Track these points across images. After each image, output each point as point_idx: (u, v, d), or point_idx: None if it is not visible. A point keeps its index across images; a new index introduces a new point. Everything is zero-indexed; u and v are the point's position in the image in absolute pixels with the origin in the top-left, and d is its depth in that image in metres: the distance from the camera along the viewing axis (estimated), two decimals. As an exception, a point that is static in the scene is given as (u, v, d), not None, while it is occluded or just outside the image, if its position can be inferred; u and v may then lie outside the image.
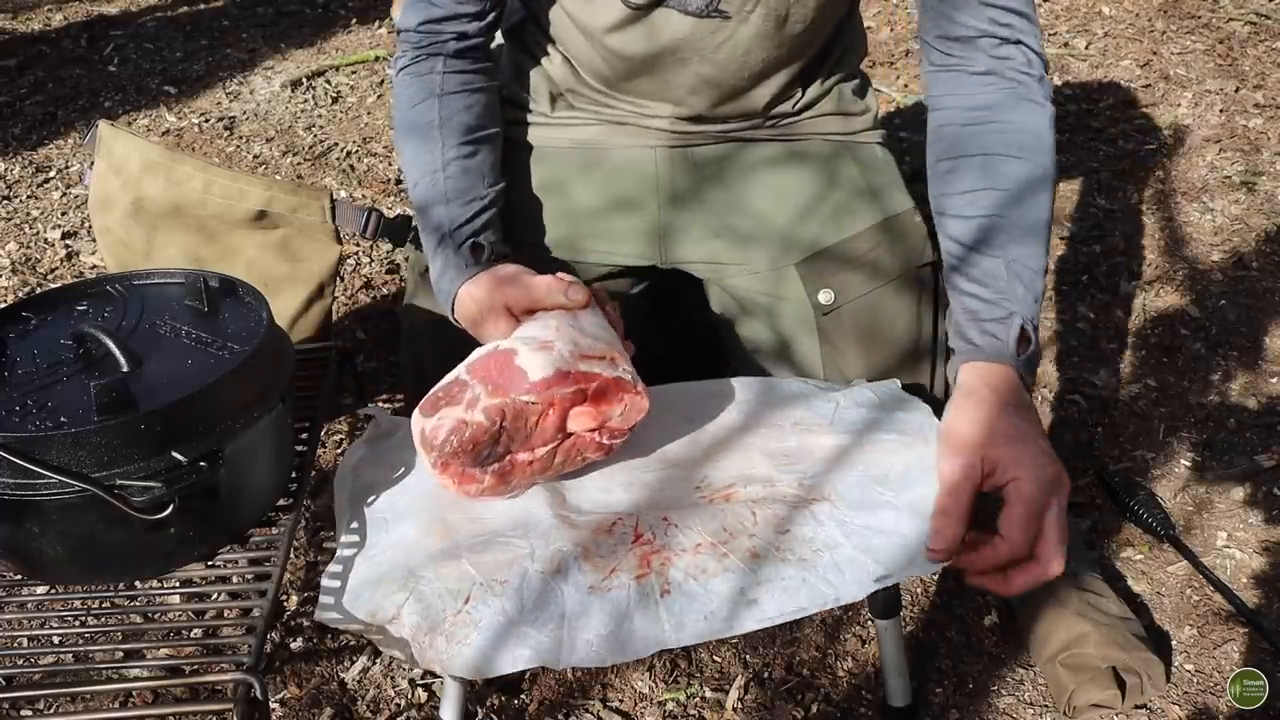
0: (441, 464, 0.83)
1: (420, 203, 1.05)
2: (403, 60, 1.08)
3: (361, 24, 3.12)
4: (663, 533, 0.83)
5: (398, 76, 1.09)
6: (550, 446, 0.86)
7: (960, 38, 0.97)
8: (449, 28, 1.07)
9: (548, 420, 0.84)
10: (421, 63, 1.07)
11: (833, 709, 1.13)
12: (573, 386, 0.84)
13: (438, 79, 1.07)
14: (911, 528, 0.81)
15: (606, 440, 0.87)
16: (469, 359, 0.87)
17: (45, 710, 1.12)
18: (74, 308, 0.91)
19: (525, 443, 0.85)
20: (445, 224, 1.02)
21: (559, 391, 0.83)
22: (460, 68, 1.08)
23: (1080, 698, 1.08)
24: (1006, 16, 0.96)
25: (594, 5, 1.02)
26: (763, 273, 1.13)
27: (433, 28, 1.06)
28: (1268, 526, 1.33)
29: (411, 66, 1.08)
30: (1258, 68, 2.51)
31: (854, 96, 1.17)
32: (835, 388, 1.01)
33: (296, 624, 1.24)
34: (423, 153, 1.05)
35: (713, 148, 1.15)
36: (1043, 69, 0.98)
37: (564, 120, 1.16)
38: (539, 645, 0.75)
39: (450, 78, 1.07)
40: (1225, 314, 1.72)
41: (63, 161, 2.36)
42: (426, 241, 1.04)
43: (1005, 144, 0.95)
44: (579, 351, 0.85)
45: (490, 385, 0.83)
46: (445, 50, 1.07)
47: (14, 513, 0.75)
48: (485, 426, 0.82)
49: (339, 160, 2.34)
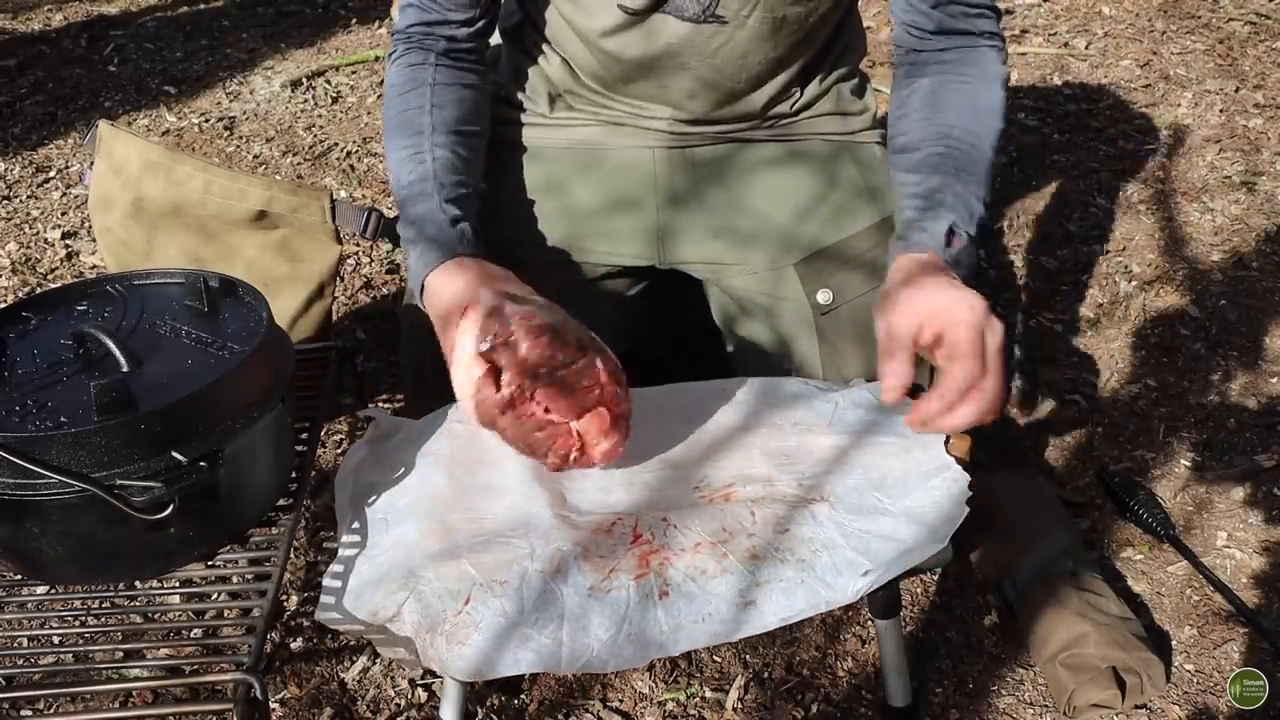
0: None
1: (403, 185, 1.03)
2: (395, 55, 1.09)
3: (361, 24, 3.12)
4: (662, 533, 0.82)
5: (389, 68, 1.10)
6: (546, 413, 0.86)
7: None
8: (439, 31, 1.08)
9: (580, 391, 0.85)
10: (413, 54, 1.08)
11: (833, 709, 1.13)
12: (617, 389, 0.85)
13: (429, 70, 1.07)
14: (909, 534, 0.81)
15: (567, 455, 0.87)
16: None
17: (45, 710, 1.12)
18: (74, 308, 0.91)
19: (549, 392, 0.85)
20: (429, 207, 1.00)
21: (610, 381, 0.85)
22: (452, 64, 1.08)
23: (1080, 698, 1.08)
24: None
25: (590, 10, 1.02)
26: (762, 273, 1.13)
27: (424, 29, 1.08)
28: (1268, 526, 1.33)
29: (404, 58, 1.08)
30: (1258, 68, 2.51)
31: (853, 96, 1.17)
32: (834, 388, 1.01)
33: (296, 624, 1.24)
34: (410, 136, 1.04)
35: (711, 148, 1.15)
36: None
37: (563, 121, 1.16)
38: (540, 648, 0.75)
39: (442, 70, 1.07)
40: (1225, 314, 1.72)
41: (63, 161, 2.36)
42: (405, 228, 1.01)
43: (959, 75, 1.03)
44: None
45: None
46: (436, 48, 1.08)
47: (14, 513, 0.75)
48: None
49: (339, 160, 2.34)
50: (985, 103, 1.03)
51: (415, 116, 1.05)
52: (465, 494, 0.88)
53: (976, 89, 1.03)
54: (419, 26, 1.08)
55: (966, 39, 1.05)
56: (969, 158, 1.00)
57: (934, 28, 1.04)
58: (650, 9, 1.00)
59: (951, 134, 1.00)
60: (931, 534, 0.82)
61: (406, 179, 1.03)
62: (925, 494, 0.84)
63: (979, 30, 1.05)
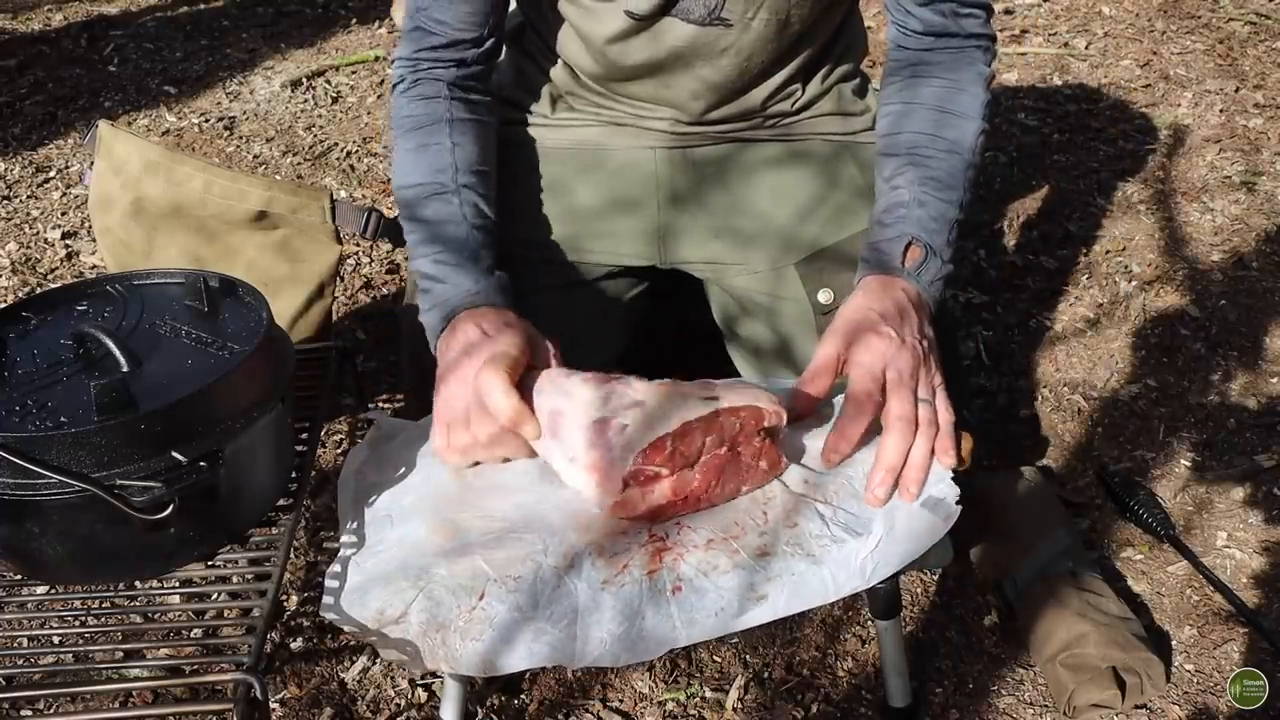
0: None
1: (428, 217, 1.01)
2: (403, 86, 1.06)
3: (361, 24, 3.12)
4: (675, 530, 0.83)
5: (399, 98, 1.07)
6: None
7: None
8: (448, 56, 1.05)
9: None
10: (424, 85, 1.05)
11: (833, 709, 1.13)
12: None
13: (443, 105, 1.04)
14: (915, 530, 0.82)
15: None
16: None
17: (45, 710, 1.12)
18: (74, 308, 0.91)
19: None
20: (463, 242, 0.98)
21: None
22: (465, 97, 1.06)
23: (1080, 698, 1.08)
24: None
25: (597, 15, 1.02)
26: (763, 272, 1.13)
27: (432, 57, 1.05)
28: (1268, 526, 1.33)
29: (415, 89, 1.05)
30: (1258, 68, 2.51)
31: (854, 96, 1.17)
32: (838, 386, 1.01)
33: (296, 624, 1.24)
34: (433, 174, 1.02)
35: (713, 148, 1.15)
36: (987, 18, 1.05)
37: (564, 121, 1.16)
38: (553, 641, 0.75)
39: (457, 105, 1.05)
40: (1225, 314, 1.72)
41: (63, 161, 2.36)
42: (427, 260, 0.99)
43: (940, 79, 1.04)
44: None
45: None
46: (446, 78, 1.05)
47: (14, 513, 0.75)
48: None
49: (339, 160, 2.34)
50: (962, 107, 1.03)
51: (437, 154, 1.02)
52: (473, 493, 0.88)
53: (953, 93, 1.03)
54: (427, 52, 1.05)
55: (953, 40, 1.05)
56: (940, 165, 1.00)
57: (921, 28, 1.04)
58: (658, 14, 1.00)
59: (919, 143, 1.01)
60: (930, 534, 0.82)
61: (428, 214, 1.01)
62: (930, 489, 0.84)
63: (966, 31, 1.05)
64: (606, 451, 0.81)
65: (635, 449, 0.80)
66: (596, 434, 0.82)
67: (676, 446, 0.81)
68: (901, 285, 0.95)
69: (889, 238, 0.98)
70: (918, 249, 0.97)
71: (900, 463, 0.86)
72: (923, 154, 1.01)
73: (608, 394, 0.84)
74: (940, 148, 1.01)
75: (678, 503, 0.83)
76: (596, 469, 0.82)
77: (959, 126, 1.02)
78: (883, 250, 0.98)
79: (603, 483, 0.81)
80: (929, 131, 1.02)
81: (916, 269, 0.96)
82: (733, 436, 0.84)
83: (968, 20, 1.04)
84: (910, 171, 1.01)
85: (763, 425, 0.84)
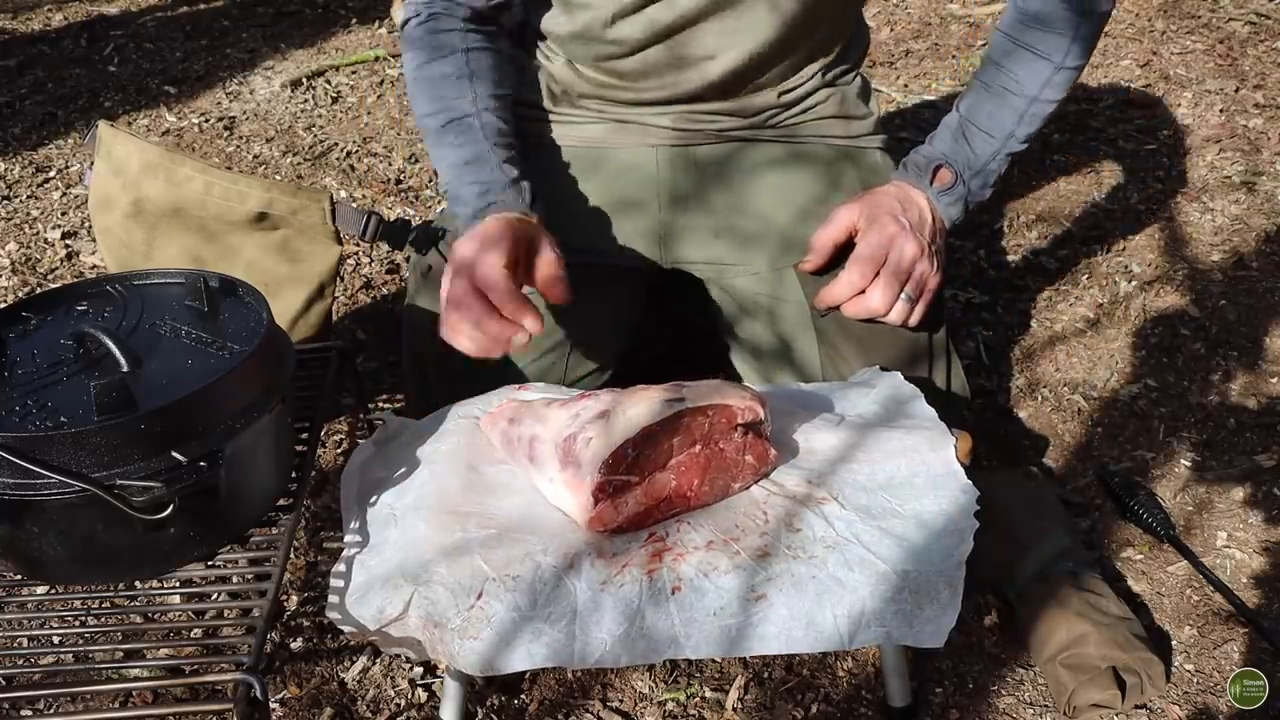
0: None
1: (449, 137, 1.02)
2: (416, 20, 1.06)
3: (361, 24, 3.12)
4: (675, 531, 0.83)
5: (413, 30, 1.07)
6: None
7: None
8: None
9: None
10: (440, 19, 1.05)
11: (833, 709, 1.13)
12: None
13: (458, 36, 1.05)
14: (918, 537, 0.81)
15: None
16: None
17: (45, 710, 1.12)
18: (74, 308, 0.91)
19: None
20: (485, 157, 1.01)
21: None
22: (480, 28, 1.07)
23: (1080, 698, 1.08)
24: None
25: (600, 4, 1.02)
26: (763, 273, 1.13)
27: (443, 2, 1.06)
28: (1268, 526, 1.33)
29: (428, 24, 1.05)
30: (1258, 68, 2.51)
31: (857, 100, 1.17)
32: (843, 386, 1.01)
33: (296, 624, 1.24)
34: (451, 100, 1.03)
35: (715, 148, 1.15)
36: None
37: (567, 118, 1.16)
38: (552, 642, 0.75)
39: (471, 35, 1.06)
40: (1225, 314, 1.72)
41: (63, 161, 2.36)
42: (454, 167, 1.02)
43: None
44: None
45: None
46: (459, 14, 1.06)
47: (14, 513, 0.75)
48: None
49: (339, 160, 2.34)
50: (1048, 49, 1.07)
51: (455, 81, 1.04)
52: (474, 492, 0.88)
53: (1042, 36, 1.08)
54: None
55: (1049, 28, 1.09)
56: (998, 96, 1.09)
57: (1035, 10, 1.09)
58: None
59: (988, 70, 1.10)
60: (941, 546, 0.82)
61: (450, 135, 1.03)
62: (935, 500, 0.84)
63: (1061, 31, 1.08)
64: (576, 469, 0.81)
65: (598, 461, 0.80)
66: (564, 452, 0.82)
67: (641, 452, 0.81)
68: (926, 197, 1.08)
69: (924, 155, 1.11)
70: (948, 172, 1.09)
71: (846, 309, 1.03)
72: (986, 77, 1.10)
73: (577, 412, 0.84)
74: (1003, 82, 1.09)
75: (660, 505, 0.83)
76: (569, 486, 0.82)
77: (1031, 65, 1.08)
78: (919, 165, 1.11)
79: (578, 499, 0.82)
80: (997, 61, 1.10)
81: (942, 191, 1.09)
82: (705, 436, 0.83)
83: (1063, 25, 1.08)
84: (970, 97, 1.11)
85: (737, 421, 0.84)
